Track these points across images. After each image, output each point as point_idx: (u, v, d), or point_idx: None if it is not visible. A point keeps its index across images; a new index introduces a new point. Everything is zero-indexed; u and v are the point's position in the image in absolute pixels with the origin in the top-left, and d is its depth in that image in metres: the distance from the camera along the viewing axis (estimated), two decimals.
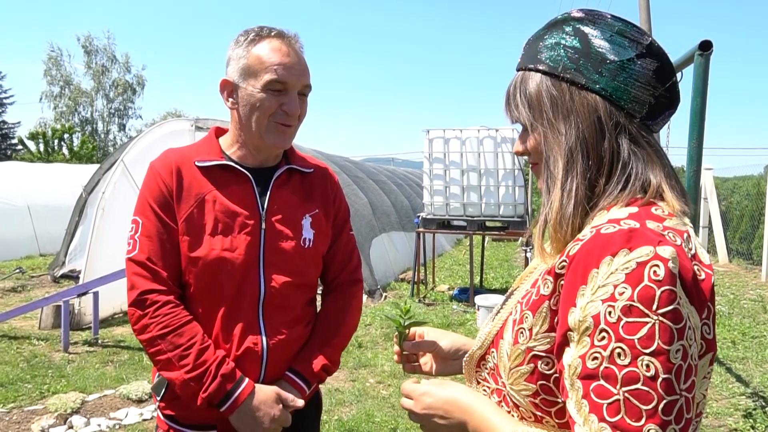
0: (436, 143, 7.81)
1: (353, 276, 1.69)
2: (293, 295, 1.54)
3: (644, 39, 0.88)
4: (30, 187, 12.17)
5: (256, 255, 1.48)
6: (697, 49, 2.60)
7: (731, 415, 4.14)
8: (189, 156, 1.51)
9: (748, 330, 6.33)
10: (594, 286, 0.76)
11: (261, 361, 1.48)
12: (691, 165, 2.68)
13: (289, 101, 1.46)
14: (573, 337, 0.77)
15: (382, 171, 13.80)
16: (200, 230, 1.45)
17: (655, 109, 0.88)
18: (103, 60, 39.32)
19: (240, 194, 1.49)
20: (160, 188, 1.46)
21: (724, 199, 12.77)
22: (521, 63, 0.96)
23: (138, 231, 1.45)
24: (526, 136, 0.96)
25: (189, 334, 1.40)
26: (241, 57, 1.46)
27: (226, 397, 1.39)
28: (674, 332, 0.71)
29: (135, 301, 1.42)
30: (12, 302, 7.54)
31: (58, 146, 27.51)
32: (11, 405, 4.22)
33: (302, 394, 1.52)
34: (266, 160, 1.56)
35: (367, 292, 7.81)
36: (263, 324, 1.49)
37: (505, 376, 0.91)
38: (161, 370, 1.43)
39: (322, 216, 1.60)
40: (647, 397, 0.70)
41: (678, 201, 0.87)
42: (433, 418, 0.97)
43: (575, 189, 0.87)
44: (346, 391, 4.55)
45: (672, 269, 0.73)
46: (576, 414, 0.76)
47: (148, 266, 1.42)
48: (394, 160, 29.27)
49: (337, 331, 1.61)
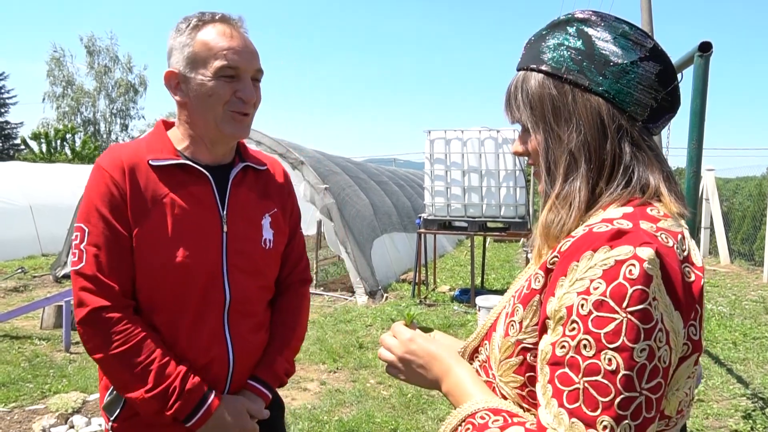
0: (438, 144, 7.81)
1: (303, 275, 1.65)
2: (257, 299, 1.49)
3: (647, 42, 0.88)
4: (32, 187, 12.20)
5: (219, 259, 1.41)
6: (697, 50, 2.60)
7: (732, 416, 4.14)
8: (140, 154, 1.38)
9: (750, 331, 6.32)
10: (572, 278, 0.78)
11: (227, 370, 1.43)
12: (690, 166, 2.68)
13: (243, 87, 1.37)
14: (549, 325, 0.80)
15: (384, 172, 13.81)
16: (159, 236, 1.34)
17: (656, 112, 0.89)
18: (106, 60, 39.38)
19: (199, 195, 1.40)
20: (110, 190, 1.33)
21: (726, 200, 12.75)
22: (522, 62, 0.95)
23: (84, 240, 1.32)
24: (527, 137, 0.96)
25: (147, 351, 1.31)
26: (186, 45, 1.36)
27: (194, 412, 1.33)
28: (641, 331, 0.73)
29: (84, 319, 1.30)
30: (14, 302, 7.56)
31: (61, 146, 27.58)
32: (13, 404, 4.23)
33: (266, 401, 1.49)
34: (223, 156, 1.47)
35: (368, 293, 7.82)
36: (229, 332, 1.43)
37: (495, 368, 0.92)
38: (120, 390, 1.35)
39: (279, 215, 1.55)
40: (605, 389, 0.72)
41: (676, 203, 0.87)
42: (412, 364, 1.00)
43: (576, 192, 0.87)
44: (346, 392, 4.55)
45: (648, 270, 0.74)
46: (541, 397, 0.79)
47: (97, 280, 1.30)
48: (395, 160, 29.27)
49: (294, 333, 1.57)
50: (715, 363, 5.27)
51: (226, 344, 1.42)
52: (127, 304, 1.35)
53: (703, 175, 11.79)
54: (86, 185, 1.39)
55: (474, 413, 0.87)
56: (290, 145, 8.81)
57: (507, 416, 0.84)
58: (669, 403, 0.83)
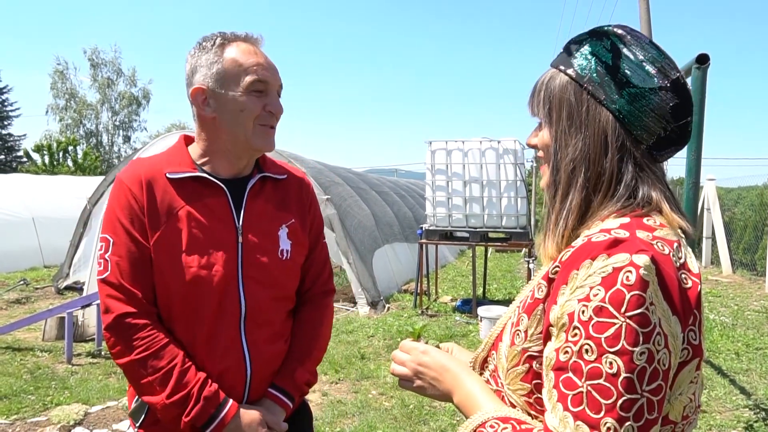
0: (439, 155, 7.85)
1: (326, 287, 1.66)
2: (274, 310, 1.51)
3: (672, 73, 0.90)
4: (35, 199, 12.25)
5: (234, 270, 1.43)
6: (695, 62, 2.63)
7: (734, 427, 4.12)
8: (159, 167, 1.44)
9: (752, 341, 6.30)
10: (573, 286, 0.81)
11: (245, 379, 1.44)
12: (689, 176, 2.70)
13: (272, 101, 1.43)
14: (553, 332, 0.83)
15: (385, 182, 13.84)
16: (174, 248, 1.39)
17: (663, 141, 0.91)
18: (109, 73, 39.65)
19: (215, 208, 1.44)
20: (130, 203, 1.39)
21: (727, 210, 12.74)
22: (556, 61, 0.99)
23: (109, 250, 1.38)
24: (540, 131, 1.00)
25: (168, 357, 1.36)
26: (213, 62, 1.41)
27: (210, 420, 1.36)
28: (640, 335, 0.76)
29: (110, 325, 1.36)
30: (16, 314, 7.57)
31: (63, 158, 27.69)
32: (14, 416, 4.23)
33: (287, 410, 1.50)
34: (243, 168, 1.51)
35: (370, 304, 7.82)
36: (246, 341, 1.45)
37: (503, 377, 0.95)
38: (142, 395, 1.39)
39: (298, 226, 1.56)
40: (608, 392, 0.75)
41: (677, 218, 0.91)
42: (425, 376, 1.02)
43: (572, 200, 0.92)
44: (348, 403, 4.55)
45: (644, 276, 0.77)
46: (547, 402, 0.81)
47: (121, 287, 1.36)
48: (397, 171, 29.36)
49: (315, 344, 1.59)
50: (718, 373, 5.25)
51: (242, 353, 1.44)
52: (150, 311, 1.40)
53: (704, 184, 11.81)
54: (109, 198, 1.45)
55: (484, 423, 0.89)
56: (291, 155, 8.86)
57: (515, 423, 0.87)
58: (673, 408, 0.85)
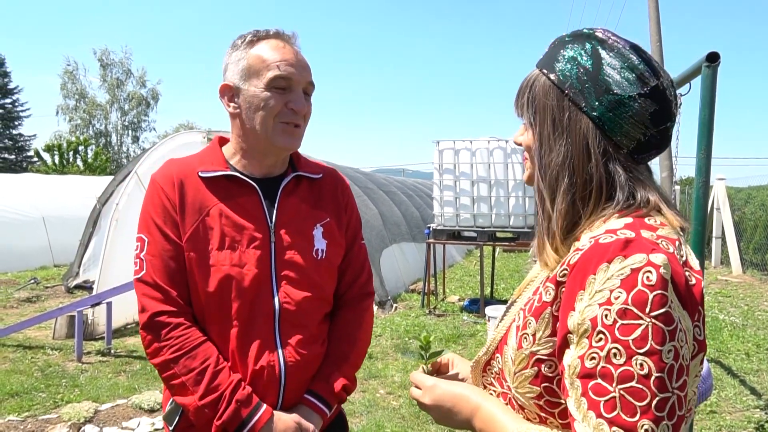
0: (446, 154, 7.84)
1: (365, 289, 1.60)
2: (309, 311, 1.45)
3: (652, 80, 0.90)
4: (45, 199, 12.34)
5: (268, 269, 1.40)
6: (705, 60, 2.61)
7: (745, 428, 4.09)
8: (192, 167, 1.44)
9: (763, 342, 6.25)
10: (591, 291, 0.80)
11: (279, 382, 1.39)
12: (699, 175, 2.68)
13: (295, 98, 1.40)
14: (572, 339, 0.81)
15: (393, 182, 13.84)
16: (207, 246, 1.37)
17: (643, 146, 0.91)
18: (119, 73, 39.89)
19: (247, 206, 1.42)
20: (163, 203, 1.39)
21: (737, 210, 12.64)
22: (540, 62, 0.99)
23: (144, 250, 1.38)
24: (525, 132, 1.01)
25: (202, 357, 1.34)
26: (241, 59, 1.41)
27: (242, 424, 1.31)
28: (666, 333, 0.75)
29: (146, 324, 1.35)
30: (27, 312, 7.63)
31: (73, 158, 27.89)
32: (26, 414, 4.27)
33: (323, 417, 1.44)
34: (273, 167, 1.49)
35: (377, 303, 7.82)
36: (280, 343, 1.40)
37: (510, 380, 0.94)
38: (175, 395, 1.36)
39: (334, 225, 1.52)
40: (641, 394, 0.74)
41: (676, 217, 0.91)
42: (441, 409, 1.01)
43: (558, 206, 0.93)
44: (356, 402, 4.55)
45: (664, 275, 0.77)
46: (576, 411, 0.79)
47: (157, 286, 1.35)
48: (404, 171, 29.35)
49: (353, 348, 1.52)
50: (728, 374, 5.22)
51: (276, 355, 1.40)
52: (186, 310, 1.38)
53: (713, 184, 11.73)
54: (144, 198, 1.45)
55: None
56: None
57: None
58: None
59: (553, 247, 0.93)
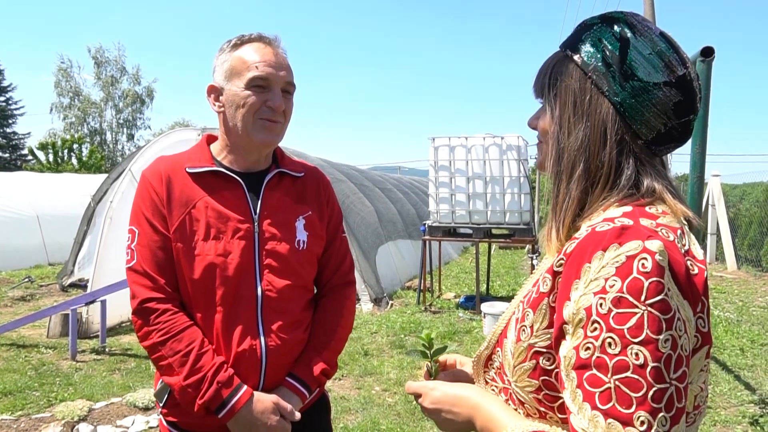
0: (442, 151, 7.83)
1: (346, 278, 1.69)
2: (291, 298, 1.54)
3: (680, 69, 0.87)
4: (39, 197, 12.29)
5: (251, 259, 1.49)
6: (699, 55, 2.61)
7: (739, 423, 4.10)
8: (180, 163, 1.53)
9: (757, 337, 6.28)
10: (587, 279, 0.78)
11: (260, 365, 1.47)
12: (694, 171, 2.68)
13: (273, 97, 1.48)
14: (568, 330, 0.80)
15: (389, 179, 13.84)
16: (193, 236, 1.46)
17: (663, 137, 0.89)
18: (113, 71, 39.73)
19: (232, 199, 1.51)
20: (151, 197, 1.48)
21: (732, 206, 12.69)
22: (565, 43, 0.96)
23: (134, 241, 1.48)
24: (543, 114, 0.97)
25: (188, 340, 1.42)
26: (225, 61, 1.50)
27: (223, 404, 1.40)
28: (662, 322, 0.73)
29: (136, 309, 1.45)
30: (21, 311, 7.60)
31: (68, 156, 27.79)
32: (19, 412, 4.24)
33: (302, 399, 1.52)
34: (256, 163, 1.57)
35: (373, 300, 7.82)
36: (262, 328, 1.48)
37: (509, 374, 0.93)
38: (163, 376, 1.45)
39: (315, 218, 1.61)
40: (637, 384, 0.72)
41: (680, 206, 0.89)
42: (441, 412, 1.00)
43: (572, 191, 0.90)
44: (351, 399, 4.55)
45: (660, 262, 0.75)
46: (571, 403, 0.78)
47: (146, 274, 1.45)
48: (400, 168, 29.35)
49: (334, 334, 1.60)
50: (723, 369, 5.23)
51: (258, 339, 1.48)
52: (173, 296, 1.47)
53: (708, 180, 11.76)
54: (135, 193, 1.54)
55: None
56: (294, 152, 8.84)
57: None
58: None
59: (561, 234, 0.91)
